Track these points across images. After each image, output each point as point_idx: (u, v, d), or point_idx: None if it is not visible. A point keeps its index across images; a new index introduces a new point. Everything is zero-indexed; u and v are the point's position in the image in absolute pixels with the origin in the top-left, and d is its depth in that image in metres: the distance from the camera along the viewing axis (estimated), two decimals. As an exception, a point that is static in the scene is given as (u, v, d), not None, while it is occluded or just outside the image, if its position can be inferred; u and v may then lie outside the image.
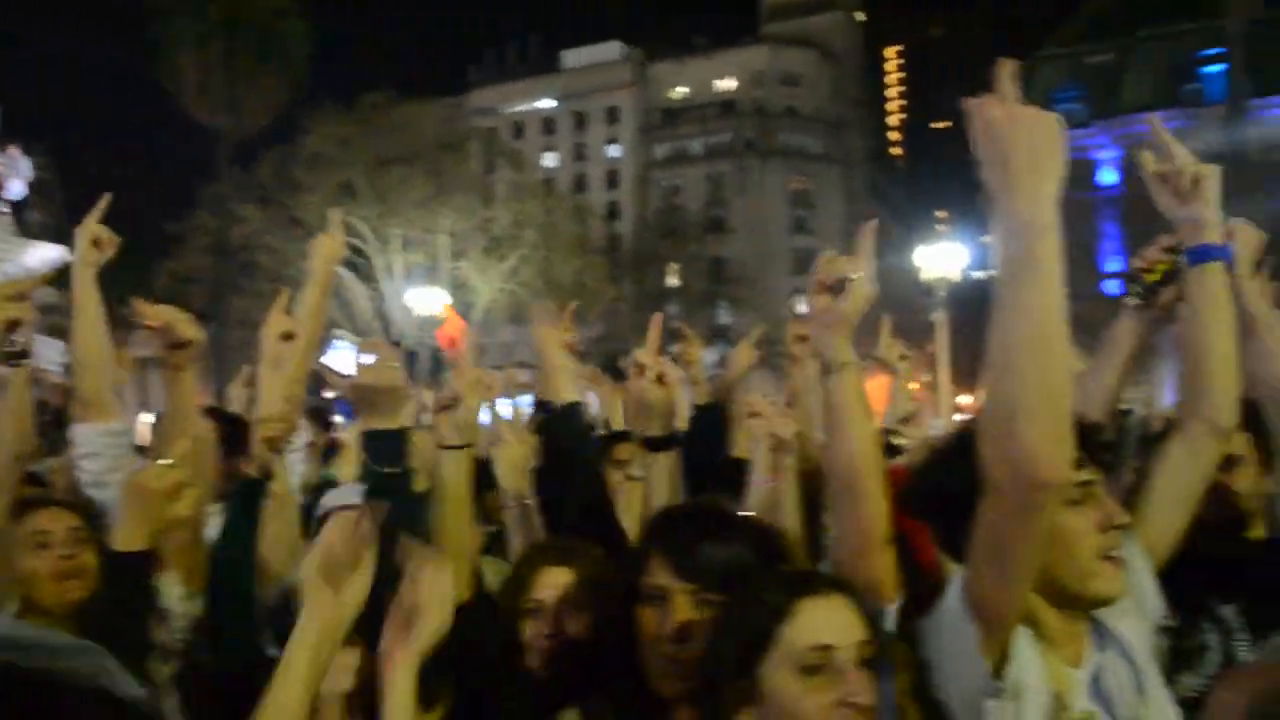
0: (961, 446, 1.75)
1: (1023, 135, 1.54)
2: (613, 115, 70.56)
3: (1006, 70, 1.58)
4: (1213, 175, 2.14)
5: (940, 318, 23.36)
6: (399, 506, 2.32)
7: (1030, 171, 1.53)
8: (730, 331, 48.55)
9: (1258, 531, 2.61)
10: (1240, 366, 2.17)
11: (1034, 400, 1.52)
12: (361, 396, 2.32)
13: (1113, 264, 44.31)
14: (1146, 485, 2.11)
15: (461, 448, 2.38)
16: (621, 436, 4.03)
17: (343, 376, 2.36)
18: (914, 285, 25.21)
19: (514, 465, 3.08)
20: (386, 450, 2.33)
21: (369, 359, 2.30)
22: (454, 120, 54.74)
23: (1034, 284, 1.54)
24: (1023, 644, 1.76)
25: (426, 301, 30.20)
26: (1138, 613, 1.94)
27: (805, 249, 67.05)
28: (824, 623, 1.66)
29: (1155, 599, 2.01)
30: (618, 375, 5.44)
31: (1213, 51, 43.55)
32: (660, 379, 2.74)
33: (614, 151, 70.25)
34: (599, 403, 5.16)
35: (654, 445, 2.77)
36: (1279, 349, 2.26)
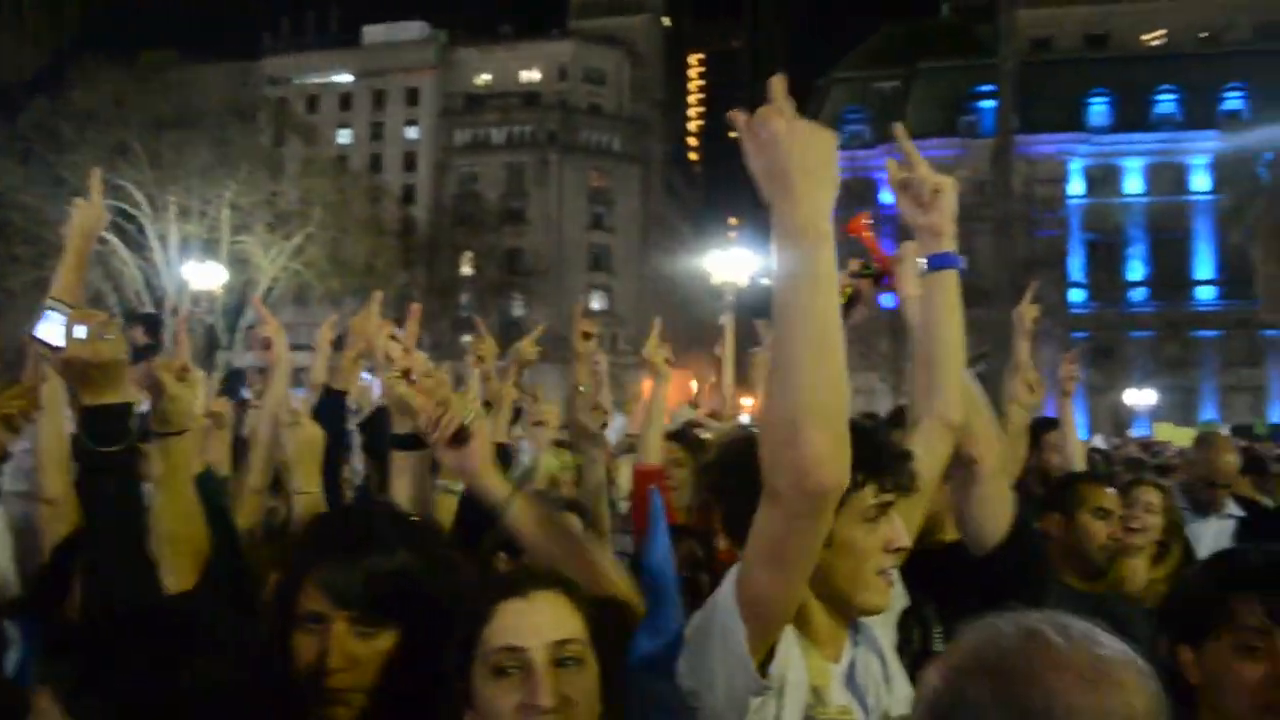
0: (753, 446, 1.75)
1: (801, 147, 1.57)
2: (413, 97, 68.99)
3: (779, 86, 1.62)
4: (951, 188, 2.24)
5: (728, 321, 24.01)
6: (121, 486, 2.15)
7: (808, 182, 1.57)
8: (523, 324, 48.39)
9: (951, 534, 2.75)
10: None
11: (816, 406, 1.54)
12: (75, 372, 2.11)
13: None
14: None
15: (172, 435, 2.23)
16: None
17: (54, 349, 2.15)
18: (705, 289, 25.85)
19: (307, 451, 2.90)
20: (106, 428, 2.14)
21: (82, 331, 2.09)
22: (243, 87, 52.32)
23: (813, 290, 1.57)
24: (787, 641, 1.79)
25: (203, 276, 28.65)
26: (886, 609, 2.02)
27: (602, 245, 67.72)
28: (515, 624, 1.62)
29: (900, 595, 2.11)
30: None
31: (987, 88, 46.66)
32: (407, 375, 2.59)
33: (412, 134, 68.70)
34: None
35: (398, 444, 2.55)
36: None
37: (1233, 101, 51.02)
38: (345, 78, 68.95)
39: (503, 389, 3.88)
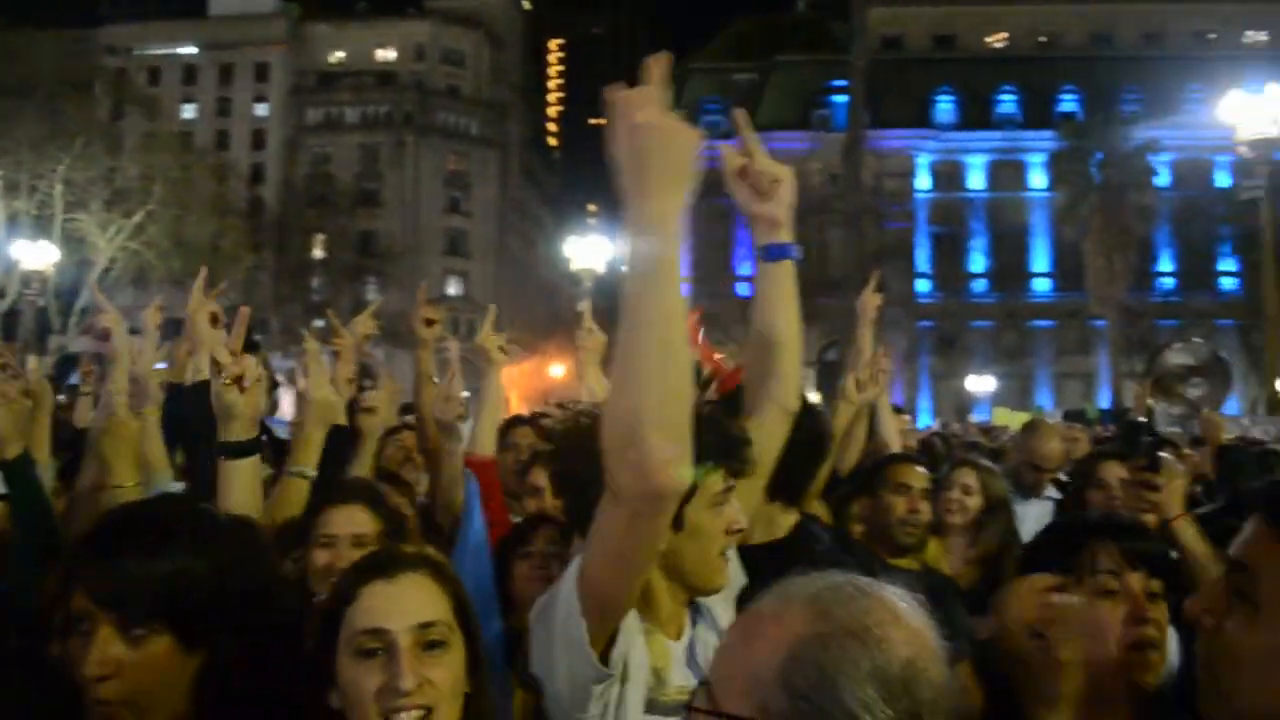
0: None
1: (663, 143, 1.56)
2: (262, 72, 66.49)
3: (657, 69, 1.59)
4: (789, 178, 2.19)
5: (586, 308, 24.05)
6: None
7: (663, 179, 1.55)
8: (378, 309, 47.08)
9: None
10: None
11: (657, 408, 1.52)
12: None
13: (745, 268, 47.64)
14: None
15: None
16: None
17: None
18: (563, 275, 25.80)
19: (122, 445, 2.75)
20: None
21: None
22: (79, 56, 49.44)
23: (658, 289, 1.55)
24: (629, 626, 1.82)
25: (33, 255, 27.04)
26: (725, 589, 2.06)
27: (459, 230, 66.80)
28: (380, 606, 1.63)
29: (738, 574, 2.16)
30: (254, 348, 5.17)
31: (840, 83, 47.92)
32: (239, 382, 2.37)
33: (261, 110, 66.22)
34: None
35: (230, 452, 2.40)
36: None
37: (1068, 103, 53.61)
38: (190, 50, 65.94)
39: (345, 371, 3.79)
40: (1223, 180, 49.14)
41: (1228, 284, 49.23)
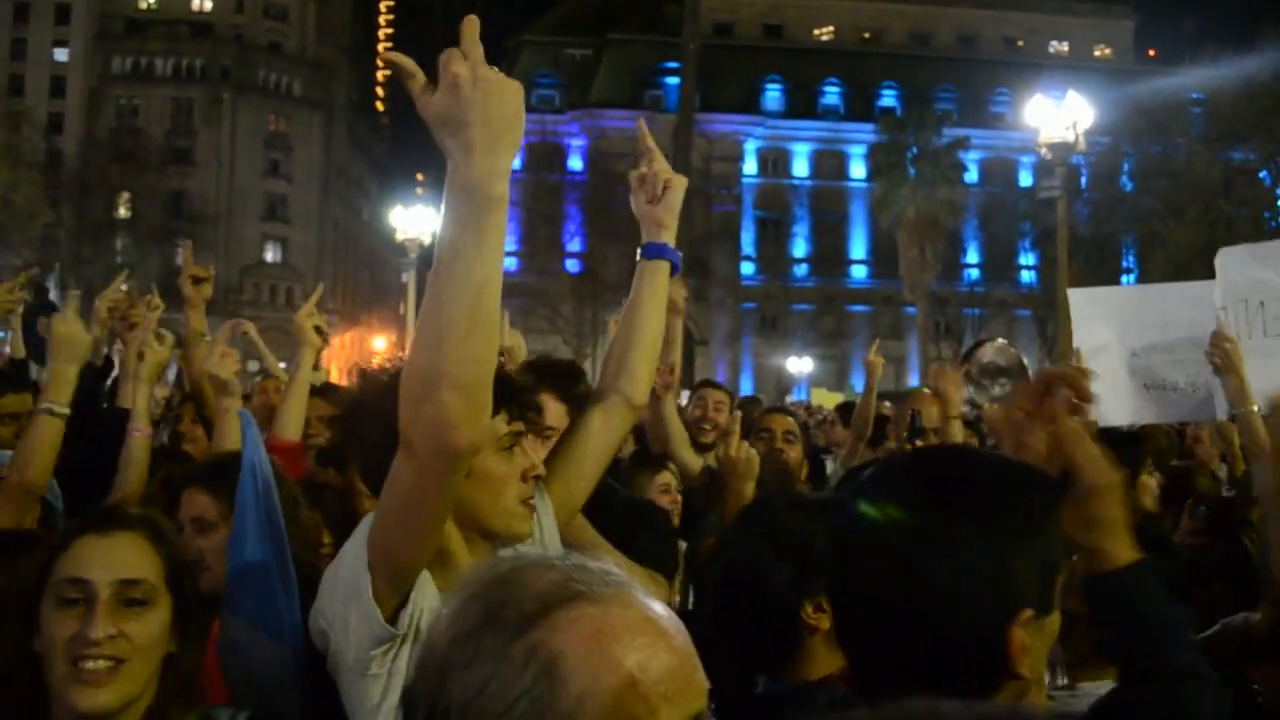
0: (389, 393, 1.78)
1: (486, 100, 1.45)
2: (63, 14, 61.98)
3: (471, 28, 1.48)
4: (681, 185, 2.36)
5: (411, 279, 23.66)
6: None
7: (488, 140, 1.45)
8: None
9: None
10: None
11: (460, 371, 1.51)
12: None
13: (574, 244, 47.66)
14: (564, 446, 2.32)
15: None
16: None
17: None
18: (389, 244, 25.17)
19: None
20: None
21: None
22: None
23: (477, 256, 1.49)
24: (422, 587, 1.78)
25: None
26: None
27: (279, 194, 64.27)
28: (86, 557, 1.69)
29: (556, 543, 2.20)
30: (44, 310, 4.97)
31: (673, 65, 48.26)
32: None
33: (61, 55, 61.83)
34: None
35: None
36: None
37: (888, 98, 55.76)
38: (-21, -15, 61.00)
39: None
40: (1025, 179, 52.16)
41: (1027, 277, 52.29)
